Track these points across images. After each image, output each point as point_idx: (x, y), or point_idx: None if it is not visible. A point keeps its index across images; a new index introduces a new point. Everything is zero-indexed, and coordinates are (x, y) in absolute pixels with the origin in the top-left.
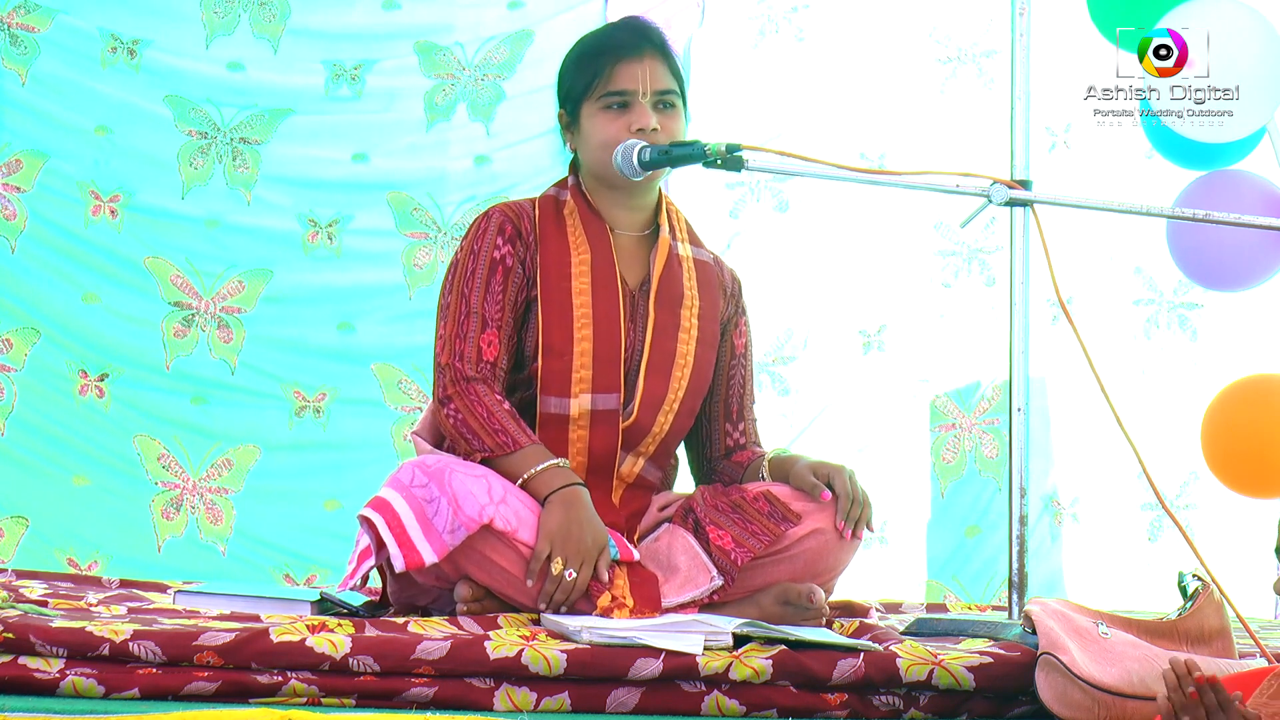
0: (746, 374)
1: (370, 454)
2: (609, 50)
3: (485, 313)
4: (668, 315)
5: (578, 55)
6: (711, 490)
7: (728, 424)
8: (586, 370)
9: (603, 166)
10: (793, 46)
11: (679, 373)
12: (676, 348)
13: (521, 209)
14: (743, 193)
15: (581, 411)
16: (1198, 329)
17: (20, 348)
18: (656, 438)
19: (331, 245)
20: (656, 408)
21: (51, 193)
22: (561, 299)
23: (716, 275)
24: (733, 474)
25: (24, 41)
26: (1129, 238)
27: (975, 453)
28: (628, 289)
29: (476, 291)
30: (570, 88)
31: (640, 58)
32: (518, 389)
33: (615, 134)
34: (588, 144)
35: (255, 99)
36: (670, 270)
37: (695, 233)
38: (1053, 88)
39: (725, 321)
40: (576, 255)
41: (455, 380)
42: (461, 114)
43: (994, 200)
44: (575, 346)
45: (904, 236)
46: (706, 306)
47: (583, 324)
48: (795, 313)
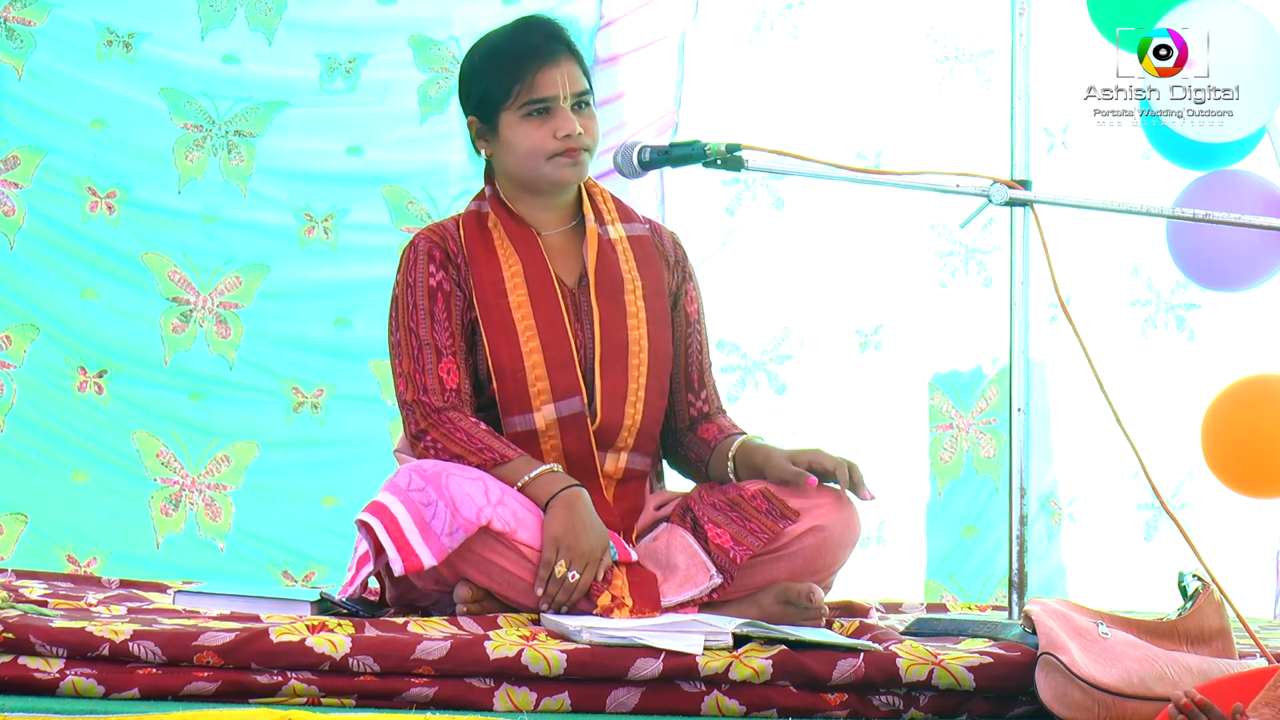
0: (703, 340)
1: (368, 450)
2: (526, 56)
3: (437, 342)
4: (612, 305)
5: (489, 61)
6: (709, 488)
7: (689, 394)
8: (543, 381)
9: (529, 174)
10: (788, 43)
11: (635, 360)
12: (628, 335)
13: (446, 231)
14: (739, 190)
15: (548, 423)
16: (1195, 329)
17: (19, 344)
18: (631, 430)
19: (328, 240)
20: (621, 401)
21: (49, 189)
22: (502, 316)
23: (655, 246)
24: (700, 451)
25: (20, 35)
26: (1126, 238)
27: (973, 452)
28: (566, 289)
29: (423, 324)
30: (485, 95)
31: (557, 62)
32: (481, 410)
33: (541, 142)
34: (513, 153)
35: (250, 92)
36: (605, 258)
37: (626, 205)
38: (1052, 88)
39: (673, 292)
40: (508, 267)
41: (426, 414)
42: (455, 107)
43: (994, 200)
44: (526, 360)
45: (901, 236)
46: (650, 284)
47: (528, 336)
48: (792, 311)
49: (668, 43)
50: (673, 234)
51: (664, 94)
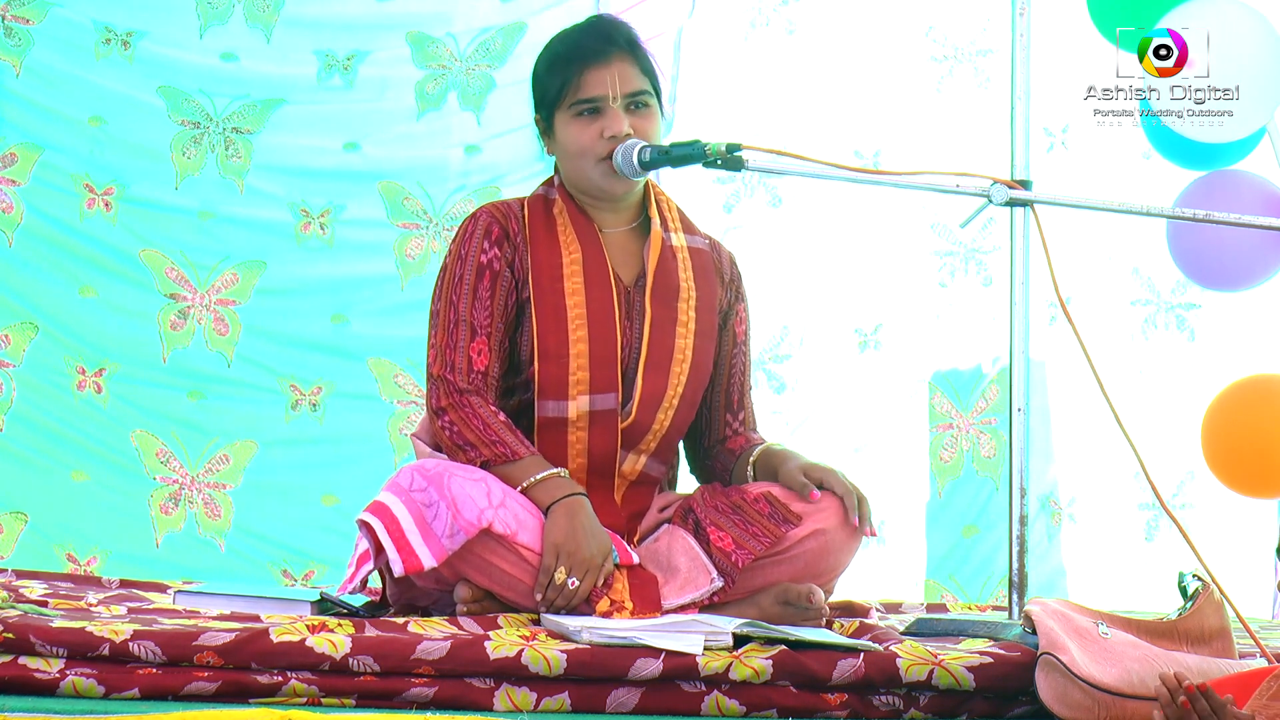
0: (746, 362)
1: (367, 448)
2: (576, 57)
3: (474, 320)
4: (664, 310)
5: (549, 61)
6: (711, 490)
7: (728, 414)
8: (584, 372)
9: (579, 175)
10: (783, 40)
11: (678, 368)
12: (675, 343)
13: (510, 209)
14: (736, 187)
15: (580, 413)
16: (1195, 329)
17: (18, 343)
18: (657, 435)
19: (324, 236)
20: (656, 405)
21: (47, 186)
22: (555, 300)
23: (713, 261)
24: (725, 461)
25: (18, 34)
26: (1126, 238)
27: (973, 452)
28: (622, 286)
29: (464, 298)
30: (543, 94)
31: (608, 62)
32: (515, 392)
33: (589, 143)
34: (564, 152)
35: (248, 89)
36: (665, 263)
37: (688, 218)
38: (1052, 88)
39: (724, 310)
40: (568, 254)
41: (449, 393)
42: (452, 103)
43: (994, 200)
44: (571, 349)
45: (901, 235)
46: (704, 297)
47: (578, 325)
48: (791, 310)
49: (664, 40)
50: (730, 254)
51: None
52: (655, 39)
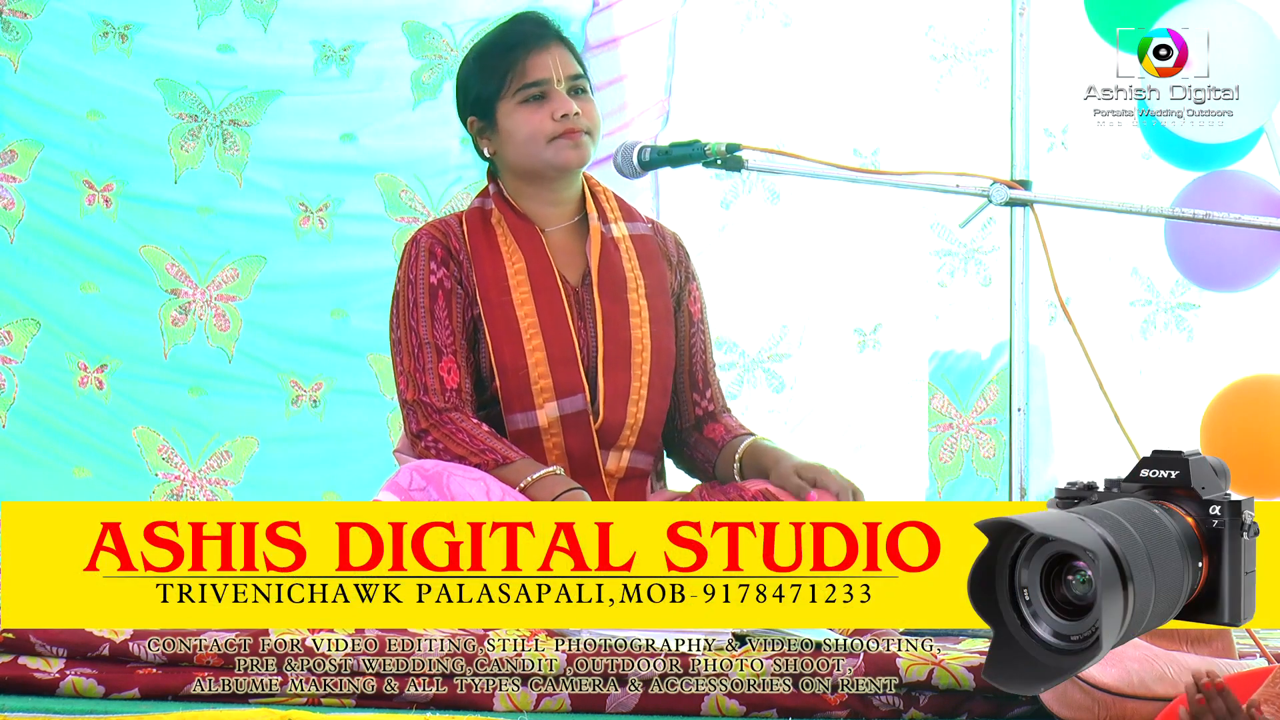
0: (706, 340)
1: (367, 445)
2: (517, 43)
3: (437, 340)
4: (615, 305)
5: (481, 58)
6: (710, 489)
7: (694, 393)
8: (545, 379)
9: (531, 159)
10: (779, 33)
11: (638, 359)
12: (631, 334)
13: (449, 227)
14: (734, 183)
15: (550, 420)
16: (1195, 329)
17: (20, 339)
18: (634, 429)
19: (323, 230)
20: (624, 400)
21: (47, 182)
22: (505, 313)
23: (658, 245)
24: (706, 452)
25: (16, 28)
26: (1126, 238)
27: (972, 453)
28: (570, 287)
29: (423, 321)
30: (480, 91)
31: (548, 47)
32: (484, 408)
33: (540, 124)
34: (513, 141)
35: (245, 81)
36: (608, 257)
37: (628, 204)
38: (1051, 88)
39: (676, 292)
40: (511, 265)
41: (428, 414)
42: (448, 92)
43: (994, 200)
44: (529, 358)
45: (900, 235)
46: (652, 283)
47: (531, 334)
48: (790, 309)
49: (659, 28)
50: (675, 234)
51: (657, 80)
52: (649, 28)
